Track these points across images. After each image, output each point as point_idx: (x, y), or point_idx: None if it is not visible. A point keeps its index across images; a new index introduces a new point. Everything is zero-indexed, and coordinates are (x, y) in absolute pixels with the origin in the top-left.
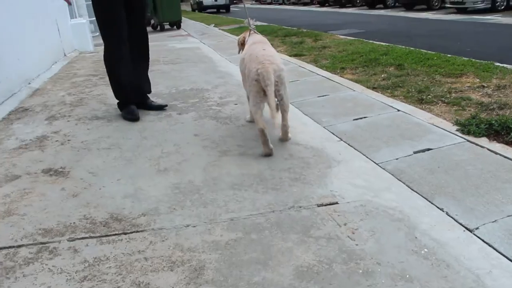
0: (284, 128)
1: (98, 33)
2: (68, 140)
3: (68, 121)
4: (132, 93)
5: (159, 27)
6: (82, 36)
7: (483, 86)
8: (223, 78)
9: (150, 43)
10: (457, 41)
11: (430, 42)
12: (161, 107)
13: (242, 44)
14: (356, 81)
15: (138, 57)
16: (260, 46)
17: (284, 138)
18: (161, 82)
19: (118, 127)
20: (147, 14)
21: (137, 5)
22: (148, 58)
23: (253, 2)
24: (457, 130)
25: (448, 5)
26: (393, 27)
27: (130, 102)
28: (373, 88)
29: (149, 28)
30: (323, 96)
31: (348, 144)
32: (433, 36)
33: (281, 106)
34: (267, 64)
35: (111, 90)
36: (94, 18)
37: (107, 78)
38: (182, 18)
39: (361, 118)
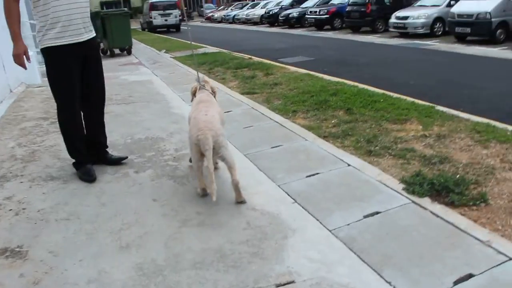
0: (233, 184)
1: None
2: (23, 209)
3: (21, 182)
4: (88, 152)
5: (109, 52)
6: (29, 68)
7: (425, 136)
8: (178, 123)
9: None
10: (401, 71)
11: (376, 73)
12: (120, 160)
13: (193, 94)
14: (308, 128)
15: (94, 111)
16: (204, 108)
17: (238, 198)
18: (115, 129)
19: (75, 191)
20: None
21: (91, 55)
22: (103, 109)
23: (203, 20)
24: (403, 189)
25: (392, 29)
26: (340, 54)
27: (85, 161)
28: (324, 137)
29: None
30: (277, 146)
31: (303, 207)
32: (379, 65)
33: (227, 164)
34: (206, 131)
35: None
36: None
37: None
38: (133, 40)
39: (313, 175)
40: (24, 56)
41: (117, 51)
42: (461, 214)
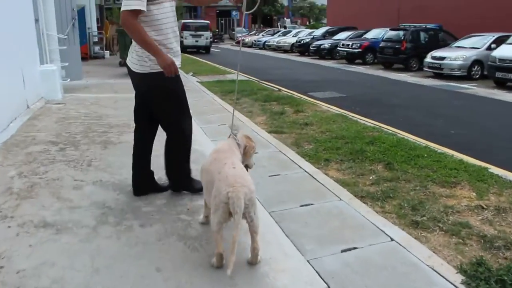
0: (254, 252)
1: (68, 80)
2: (1, 267)
3: (9, 226)
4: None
5: None
6: (51, 83)
7: (482, 207)
8: (196, 163)
9: (125, 93)
10: (439, 117)
11: (411, 117)
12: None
13: None
14: (343, 184)
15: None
16: (228, 160)
17: (253, 261)
18: (127, 164)
19: (67, 247)
20: (124, 56)
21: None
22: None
23: (234, 43)
24: (463, 283)
25: (426, 69)
26: (372, 92)
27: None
28: (361, 197)
29: (124, 70)
30: (306, 205)
31: None
32: (414, 107)
33: (251, 228)
34: (239, 188)
35: (71, 172)
36: (67, 64)
37: (68, 150)
38: None
39: (350, 250)
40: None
41: None
42: None
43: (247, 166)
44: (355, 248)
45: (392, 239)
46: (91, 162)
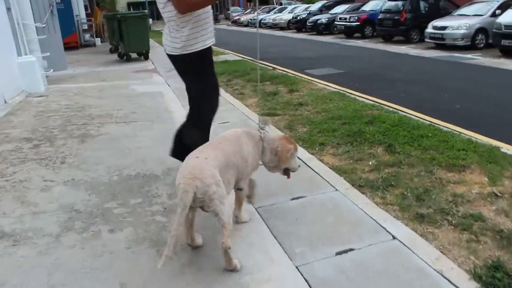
0: (222, 248)
1: (51, 70)
2: None
3: None
4: None
5: (125, 56)
6: (31, 76)
7: (495, 195)
8: None
9: (112, 80)
10: (443, 91)
11: (414, 92)
12: None
13: None
14: (339, 171)
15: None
16: (206, 149)
17: (228, 266)
18: (104, 159)
19: (23, 261)
20: (113, 42)
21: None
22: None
23: (229, 23)
24: None
25: (427, 40)
26: (372, 66)
27: None
28: (360, 187)
29: (114, 57)
30: (297, 198)
31: None
32: (416, 81)
33: (218, 222)
34: (189, 180)
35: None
36: (48, 54)
37: (42, 146)
38: (153, 43)
39: (346, 252)
40: None
41: (134, 55)
42: None
43: (288, 169)
44: (351, 249)
45: (394, 237)
46: (65, 159)
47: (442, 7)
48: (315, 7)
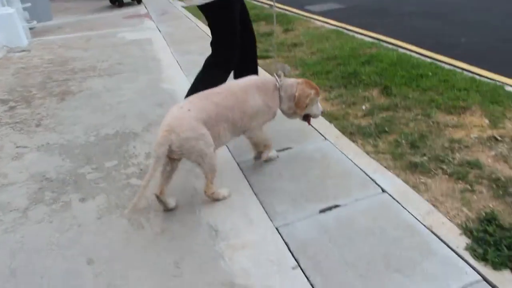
0: (206, 195)
1: (35, 22)
2: None
3: None
4: None
5: (117, 2)
6: (11, 29)
7: (495, 139)
8: (162, 107)
9: (101, 29)
10: (450, 23)
11: (421, 27)
12: None
13: None
14: (330, 117)
15: None
16: (193, 98)
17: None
18: (82, 118)
19: None
20: None
21: None
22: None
23: None
24: (466, 249)
25: None
26: (380, 0)
27: None
28: (350, 134)
29: (106, 3)
30: (283, 150)
31: (308, 280)
32: (427, 15)
33: (202, 171)
34: (165, 133)
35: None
36: (29, 5)
37: (18, 108)
38: None
39: (330, 209)
40: None
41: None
42: None
43: (308, 116)
44: (336, 206)
45: (383, 190)
46: (41, 121)
47: None
48: None
